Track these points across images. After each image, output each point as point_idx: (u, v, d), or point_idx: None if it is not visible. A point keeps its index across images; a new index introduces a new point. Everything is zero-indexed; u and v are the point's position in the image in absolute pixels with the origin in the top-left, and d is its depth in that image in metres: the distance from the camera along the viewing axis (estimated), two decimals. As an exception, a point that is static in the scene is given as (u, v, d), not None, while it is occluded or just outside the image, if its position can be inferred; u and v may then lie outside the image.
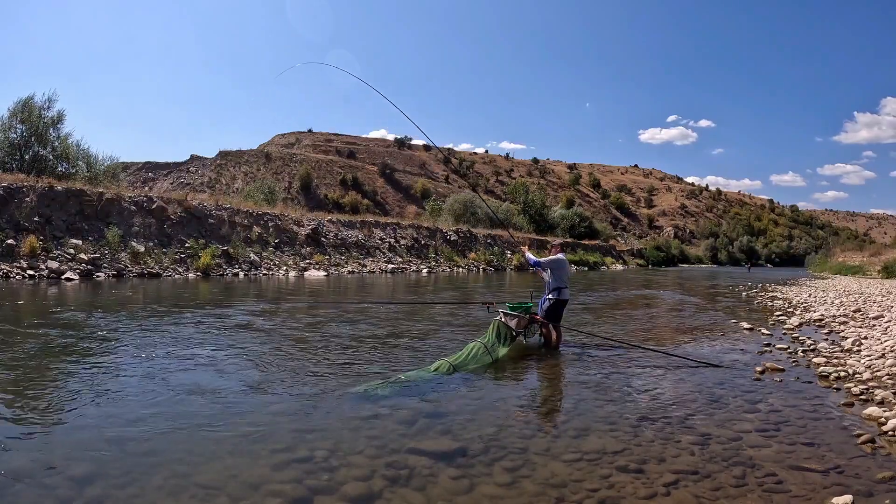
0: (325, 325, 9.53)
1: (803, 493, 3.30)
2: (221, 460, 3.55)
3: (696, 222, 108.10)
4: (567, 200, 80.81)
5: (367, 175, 74.00)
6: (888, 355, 6.65)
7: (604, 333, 8.99)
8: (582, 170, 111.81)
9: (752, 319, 11.69)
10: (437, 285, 22.09)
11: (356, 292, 17.78)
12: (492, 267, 36.57)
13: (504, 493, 3.24)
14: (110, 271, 18.22)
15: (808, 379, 6.18)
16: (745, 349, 8.11)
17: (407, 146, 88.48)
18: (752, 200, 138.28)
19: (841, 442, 4.17)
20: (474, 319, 10.47)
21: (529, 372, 6.66)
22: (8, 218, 18.03)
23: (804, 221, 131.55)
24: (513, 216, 51.99)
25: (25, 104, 24.22)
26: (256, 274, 22.28)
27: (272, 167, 69.62)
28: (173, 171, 72.21)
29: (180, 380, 5.43)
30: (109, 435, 3.89)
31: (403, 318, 10.75)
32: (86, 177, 24.37)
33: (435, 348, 7.49)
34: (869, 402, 5.10)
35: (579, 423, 4.51)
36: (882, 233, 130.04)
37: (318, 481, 3.30)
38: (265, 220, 27.20)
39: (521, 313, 7.55)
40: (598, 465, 3.64)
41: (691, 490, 3.31)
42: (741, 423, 4.55)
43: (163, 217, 22.53)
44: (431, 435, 4.13)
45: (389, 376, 5.63)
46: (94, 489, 3.11)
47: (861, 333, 8.72)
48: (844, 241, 75.56)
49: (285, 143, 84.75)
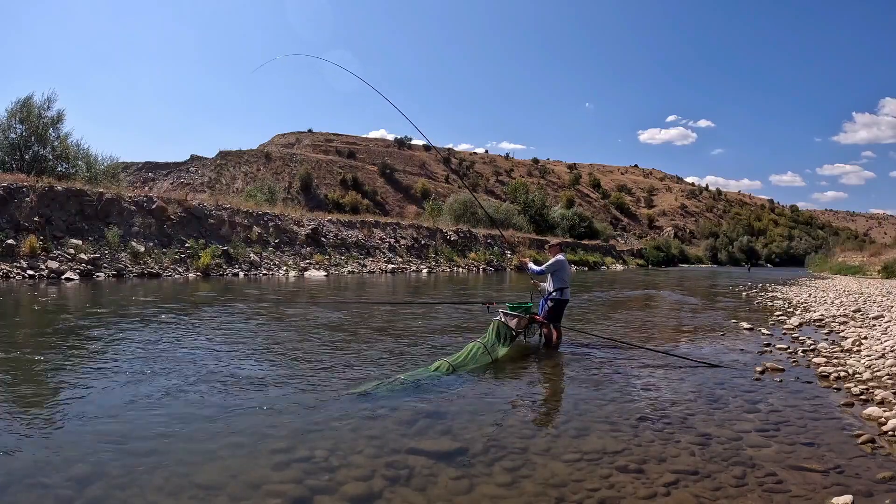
0: (324, 326, 9.53)
1: (803, 493, 3.30)
2: (221, 460, 3.55)
3: (696, 222, 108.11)
4: (567, 200, 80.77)
5: (367, 175, 74.01)
6: (888, 355, 6.65)
7: (604, 333, 8.99)
8: (582, 170, 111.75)
9: (752, 319, 11.69)
10: (437, 285, 22.09)
11: (356, 292, 17.78)
12: (492, 267, 36.58)
13: (504, 493, 3.24)
14: (110, 271, 18.22)
15: (808, 379, 6.18)
16: (745, 349, 8.11)
17: (407, 146, 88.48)
18: (752, 200, 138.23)
19: (841, 442, 4.17)
20: (474, 319, 10.47)
21: (529, 372, 6.66)
22: (8, 218, 18.03)
23: (804, 221, 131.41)
24: (513, 216, 52.00)
25: (25, 104, 24.23)
26: (256, 274, 22.28)
27: (272, 167, 69.63)
28: (173, 171, 72.17)
29: (180, 380, 5.43)
30: (109, 435, 3.89)
31: (403, 318, 10.74)
32: (86, 177, 24.37)
33: (435, 348, 7.49)
34: (869, 402, 5.10)
35: (579, 423, 4.51)
36: (882, 233, 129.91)
37: (318, 481, 3.30)
38: (265, 220, 27.21)
39: (521, 313, 7.55)
40: (598, 465, 3.64)
41: (691, 490, 3.31)
42: (741, 423, 4.55)
43: (163, 217, 22.53)
44: (431, 435, 4.13)
45: (389, 376, 5.63)
46: (94, 489, 3.11)
47: (861, 333, 8.72)
48: (844, 241, 75.48)
49: (285, 143, 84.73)
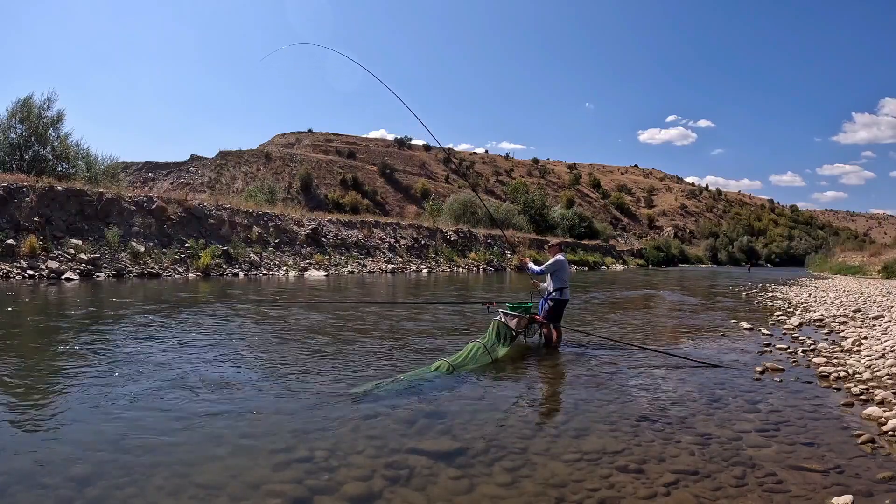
0: (324, 326, 9.53)
1: (803, 493, 3.30)
2: (221, 460, 3.55)
3: (696, 222, 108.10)
4: (567, 200, 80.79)
5: (367, 175, 74.00)
6: (888, 355, 6.65)
7: (604, 333, 8.99)
8: (582, 170, 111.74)
9: (752, 319, 11.69)
10: (438, 285, 22.09)
11: (356, 292, 17.78)
12: (492, 267, 36.58)
13: (504, 493, 3.24)
14: (110, 271, 18.22)
15: (808, 379, 6.18)
16: (745, 349, 8.11)
17: (407, 146, 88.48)
18: (752, 200, 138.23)
19: (841, 442, 4.17)
20: (474, 319, 10.46)
21: (529, 372, 6.66)
22: (8, 218, 18.03)
23: (804, 221, 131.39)
24: (513, 216, 52.01)
25: (25, 104, 24.25)
26: (256, 274, 22.28)
27: (272, 167, 69.63)
28: (173, 171, 72.17)
29: (180, 379, 5.42)
30: (109, 435, 3.89)
31: (403, 319, 10.74)
32: (86, 177, 24.39)
33: (435, 348, 7.48)
34: (869, 402, 5.10)
35: (579, 423, 4.51)
36: (882, 233, 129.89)
37: (318, 481, 3.30)
38: (265, 220, 27.21)
39: (521, 313, 7.55)
40: (598, 465, 3.64)
41: (691, 490, 3.31)
42: (741, 423, 4.55)
43: (163, 217, 22.53)
44: (431, 435, 4.13)
45: (389, 376, 5.63)
46: (94, 489, 3.11)
47: (861, 333, 8.72)
48: (844, 241, 75.47)
49: (285, 143, 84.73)
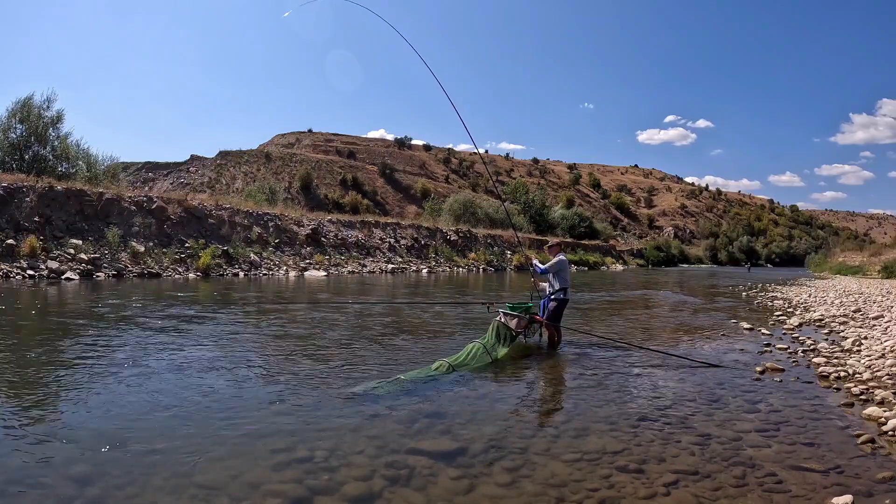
0: (324, 326, 9.53)
1: (803, 493, 3.30)
2: (221, 460, 3.55)
3: (696, 222, 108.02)
4: (567, 200, 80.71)
5: (367, 175, 73.96)
6: (888, 355, 6.65)
7: (604, 333, 8.99)
8: (582, 170, 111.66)
9: (752, 319, 11.69)
10: (437, 285, 22.08)
11: (356, 292, 17.78)
12: (492, 267, 36.58)
13: (504, 493, 3.24)
14: (110, 271, 18.22)
15: (808, 379, 6.18)
16: (745, 349, 8.11)
17: (407, 146, 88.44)
18: (751, 200, 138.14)
19: (841, 442, 4.17)
20: (474, 319, 10.46)
21: (529, 372, 6.66)
22: (8, 218, 18.03)
23: (804, 221, 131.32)
24: (513, 216, 51.99)
25: (25, 104, 24.25)
26: (256, 274, 22.28)
27: (272, 167, 69.59)
28: (173, 171, 72.13)
29: (180, 380, 5.43)
30: (109, 435, 3.89)
31: (403, 319, 10.75)
32: (86, 177, 24.40)
33: (435, 348, 7.49)
34: (869, 402, 5.10)
35: (579, 423, 4.51)
36: (882, 233, 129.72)
37: (318, 481, 3.30)
38: (265, 220, 27.21)
39: (521, 313, 7.55)
40: (598, 465, 3.64)
41: (691, 490, 3.31)
42: (741, 423, 4.55)
43: (163, 217, 22.53)
44: (431, 435, 4.13)
45: (389, 376, 5.63)
46: (94, 489, 3.11)
47: (861, 333, 8.72)
48: (844, 241, 75.42)
49: (285, 143, 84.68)
